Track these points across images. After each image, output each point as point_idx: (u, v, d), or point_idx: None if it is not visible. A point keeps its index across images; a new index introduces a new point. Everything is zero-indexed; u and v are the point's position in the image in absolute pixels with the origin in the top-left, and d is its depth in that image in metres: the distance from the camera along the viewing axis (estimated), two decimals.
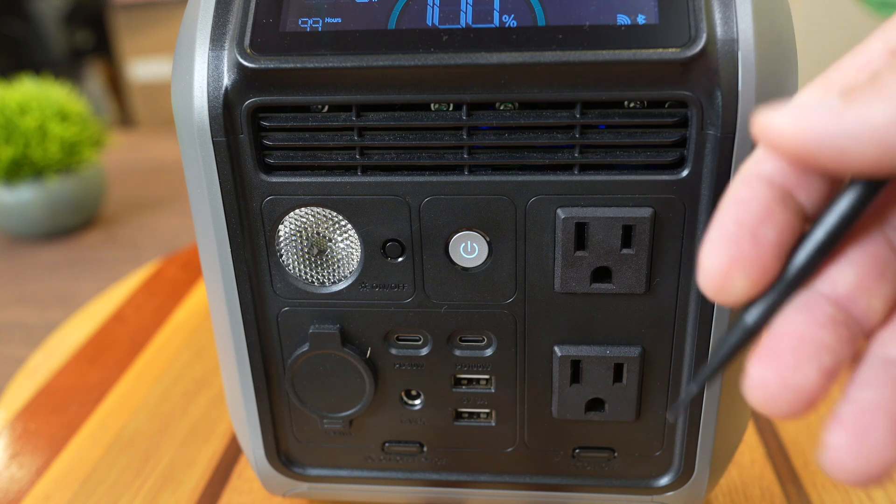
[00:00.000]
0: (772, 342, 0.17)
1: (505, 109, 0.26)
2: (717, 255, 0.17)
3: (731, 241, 0.17)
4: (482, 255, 0.28)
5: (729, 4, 0.24)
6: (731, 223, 0.17)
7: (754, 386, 0.17)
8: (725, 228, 0.17)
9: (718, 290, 0.18)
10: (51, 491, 0.39)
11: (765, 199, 0.17)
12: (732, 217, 0.17)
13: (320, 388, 0.31)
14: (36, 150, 0.79)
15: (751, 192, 0.18)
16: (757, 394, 0.17)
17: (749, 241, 0.17)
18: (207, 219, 0.28)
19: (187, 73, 0.26)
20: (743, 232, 0.17)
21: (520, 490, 0.33)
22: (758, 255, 0.17)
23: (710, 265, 0.17)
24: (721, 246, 0.17)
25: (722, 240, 0.17)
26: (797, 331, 0.17)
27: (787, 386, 0.17)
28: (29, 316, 0.68)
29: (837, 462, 0.17)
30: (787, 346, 0.17)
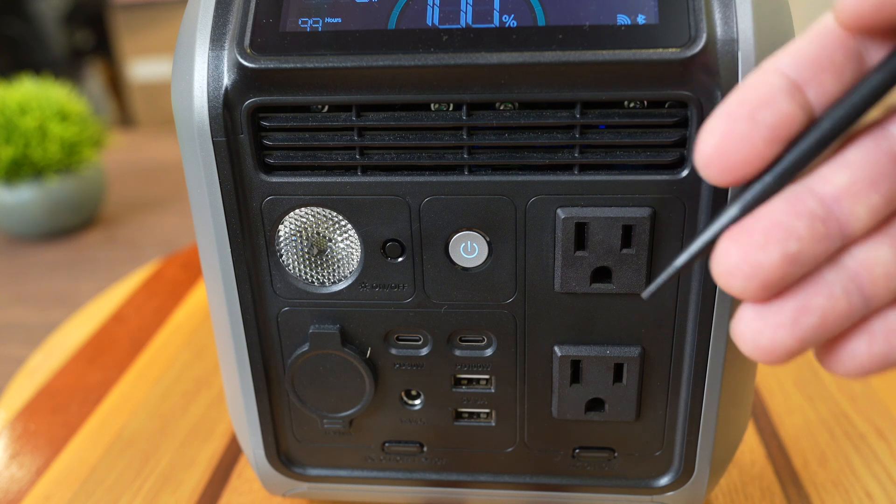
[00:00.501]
0: (748, 221, 0.18)
1: (505, 109, 0.26)
2: (713, 130, 0.18)
3: (729, 118, 0.18)
4: (482, 255, 0.28)
5: (729, 4, 0.24)
6: (734, 102, 0.18)
7: (718, 257, 0.18)
8: (727, 107, 0.18)
9: (709, 167, 0.18)
10: (51, 491, 0.39)
11: (772, 86, 0.18)
12: (737, 97, 0.18)
13: (320, 388, 0.31)
14: (36, 150, 0.79)
15: (760, 77, 0.18)
16: (718, 265, 0.18)
17: (746, 120, 0.18)
18: (207, 219, 0.28)
19: (187, 73, 0.26)
20: (742, 111, 0.18)
21: (520, 490, 0.33)
22: (751, 135, 0.18)
23: (706, 140, 0.18)
24: (719, 122, 0.18)
25: (721, 116, 0.18)
26: (773, 215, 0.18)
27: (746, 262, 0.18)
28: (29, 316, 0.68)
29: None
30: (759, 227, 0.18)
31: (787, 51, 0.18)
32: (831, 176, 0.18)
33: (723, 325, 0.28)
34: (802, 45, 0.18)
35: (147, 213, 0.92)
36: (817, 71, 0.18)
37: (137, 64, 2.06)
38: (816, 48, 0.18)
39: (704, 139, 0.18)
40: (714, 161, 0.18)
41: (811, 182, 0.18)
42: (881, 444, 0.39)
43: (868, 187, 0.18)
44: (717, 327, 0.28)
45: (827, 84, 0.18)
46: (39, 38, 2.09)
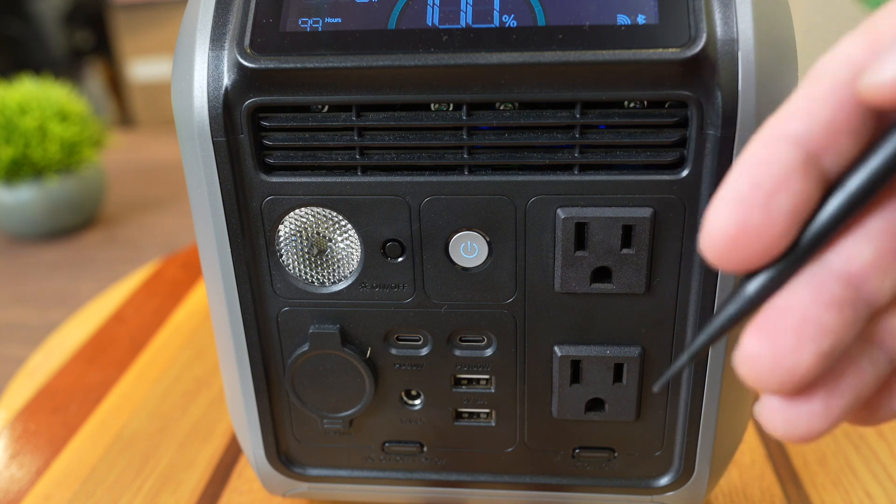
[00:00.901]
0: (772, 316, 0.16)
1: (505, 109, 0.26)
2: (725, 219, 0.16)
3: (742, 206, 0.16)
4: (482, 255, 0.28)
5: (729, 4, 0.24)
6: (744, 185, 0.16)
7: (746, 359, 0.16)
8: (738, 191, 0.16)
9: (720, 258, 0.16)
10: (51, 491, 0.39)
11: (786, 163, 0.16)
12: (747, 179, 0.16)
13: (320, 388, 0.31)
14: (36, 150, 0.79)
15: (771, 152, 0.16)
16: (747, 368, 0.16)
17: (761, 209, 0.16)
18: (207, 219, 0.28)
19: (187, 73, 0.26)
20: (756, 197, 0.16)
21: (520, 490, 0.33)
22: (768, 225, 0.16)
23: (716, 229, 0.16)
24: (730, 209, 0.16)
25: (732, 202, 0.16)
26: (801, 309, 0.16)
27: (780, 366, 0.16)
28: (29, 316, 0.68)
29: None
30: (788, 325, 0.16)
31: (797, 113, 0.16)
32: (855, 252, 0.16)
33: None
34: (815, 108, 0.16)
35: (147, 213, 0.92)
36: (834, 137, 0.16)
37: (137, 64, 2.06)
38: (831, 111, 0.16)
39: (714, 228, 0.16)
40: (727, 254, 0.16)
41: (833, 261, 0.16)
42: (881, 444, 0.39)
43: (894, 259, 0.16)
44: None
45: (844, 148, 0.16)
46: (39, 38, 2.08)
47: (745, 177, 0.16)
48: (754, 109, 0.24)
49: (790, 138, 0.16)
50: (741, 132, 0.24)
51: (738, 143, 0.24)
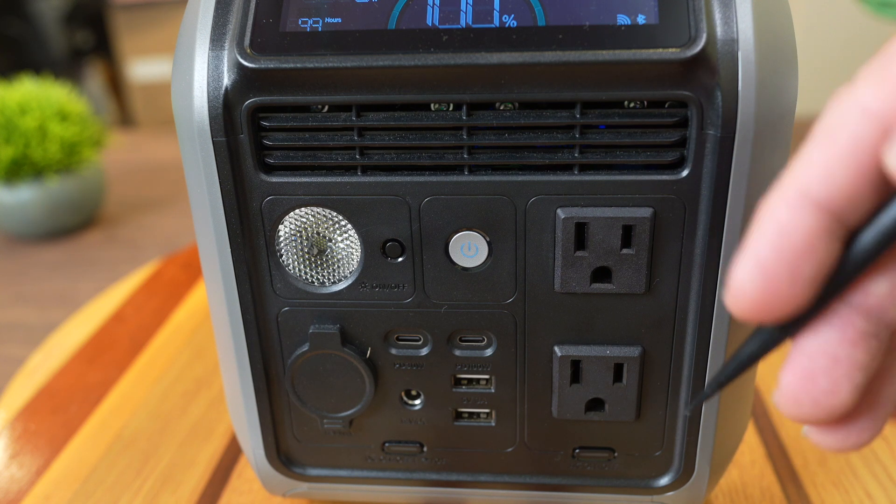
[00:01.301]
0: (804, 360, 0.17)
1: (505, 109, 0.26)
2: (750, 283, 0.16)
3: (767, 272, 0.16)
4: (482, 255, 0.28)
5: (729, 4, 0.24)
6: (768, 251, 0.16)
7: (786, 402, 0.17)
8: (762, 255, 0.16)
9: (745, 316, 0.17)
10: (51, 491, 0.39)
11: (810, 231, 0.16)
12: (771, 244, 0.16)
13: (320, 388, 0.31)
14: (36, 150, 0.79)
15: (795, 218, 0.16)
16: (788, 409, 0.17)
17: (787, 277, 0.16)
18: (207, 219, 0.28)
19: (187, 73, 0.26)
20: (781, 265, 0.16)
21: (520, 490, 0.33)
22: (794, 292, 0.16)
23: (742, 293, 0.16)
24: (755, 273, 0.16)
25: (757, 267, 0.16)
26: (830, 350, 0.17)
27: (820, 406, 0.17)
28: (29, 316, 0.68)
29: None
30: (821, 368, 0.17)
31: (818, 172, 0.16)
32: (872, 288, 0.17)
33: (723, 325, 0.28)
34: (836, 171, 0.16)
35: (147, 213, 0.92)
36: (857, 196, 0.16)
37: (137, 64, 2.06)
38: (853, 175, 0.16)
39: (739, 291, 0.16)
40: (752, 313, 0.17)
41: (852, 298, 0.17)
42: (881, 444, 0.39)
43: None
44: (717, 327, 0.28)
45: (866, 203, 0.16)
46: (39, 38, 2.09)
47: (769, 243, 0.16)
48: (754, 109, 0.24)
49: (812, 202, 0.16)
50: (741, 132, 0.24)
51: (738, 143, 0.24)
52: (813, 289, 0.16)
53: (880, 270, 0.17)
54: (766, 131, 0.24)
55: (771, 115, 0.24)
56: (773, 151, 0.25)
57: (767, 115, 0.24)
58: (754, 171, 0.25)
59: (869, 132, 0.15)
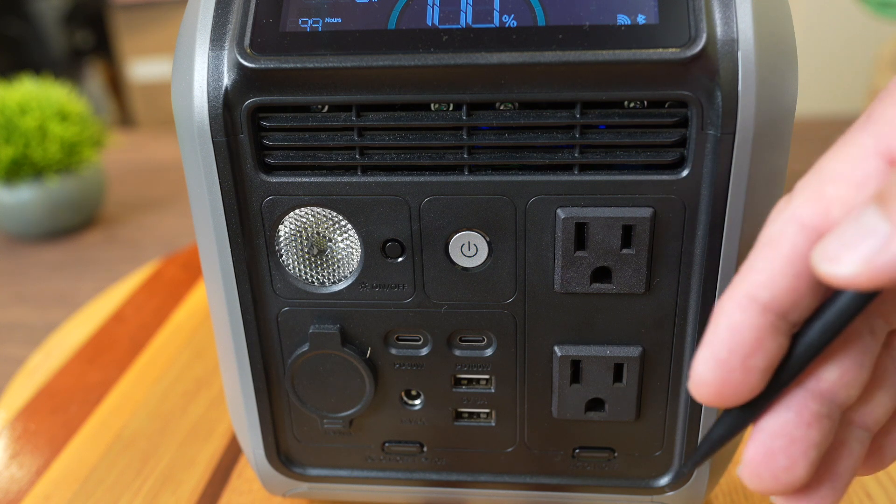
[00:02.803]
0: (765, 439, 0.19)
1: (505, 109, 0.26)
2: (709, 379, 0.19)
3: (723, 368, 0.19)
4: (482, 255, 0.28)
5: (729, 4, 0.24)
6: (723, 350, 0.18)
7: (749, 476, 0.19)
8: (717, 354, 0.19)
9: (708, 401, 0.19)
10: (51, 491, 0.39)
11: (758, 329, 0.18)
12: (725, 344, 0.18)
13: (320, 388, 0.31)
14: (36, 150, 0.79)
15: (744, 319, 0.18)
16: (751, 483, 0.19)
17: (740, 370, 0.18)
18: (207, 219, 0.28)
19: (187, 73, 0.26)
20: (734, 361, 0.18)
21: (520, 490, 0.33)
22: (747, 381, 0.19)
23: (702, 385, 0.19)
24: (712, 369, 0.19)
25: (713, 364, 0.19)
26: (788, 432, 0.19)
27: (778, 482, 0.19)
28: (29, 316, 0.68)
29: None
30: (779, 447, 0.19)
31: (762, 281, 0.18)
32: (823, 374, 0.19)
33: None
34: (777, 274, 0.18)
35: (147, 213, 0.92)
36: (797, 300, 0.18)
37: (137, 64, 2.06)
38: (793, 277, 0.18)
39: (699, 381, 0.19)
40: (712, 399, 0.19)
41: (807, 384, 0.19)
42: None
43: (857, 370, 0.19)
44: None
45: (806, 304, 0.18)
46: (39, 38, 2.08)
47: (723, 341, 0.19)
48: (754, 109, 0.24)
49: (760, 304, 0.18)
50: (741, 132, 0.24)
51: (738, 143, 0.24)
52: (765, 378, 0.19)
53: (830, 359, 0.19)
54: (766, 131, 0.24)
55: (771, 115, 0.24)
56: (773, 151, 0.25)
57: (767, 115, 0.24)
58: (754, 171, 0.25)
59: (805, 243, 0.18)
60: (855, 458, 0.20)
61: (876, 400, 0.21)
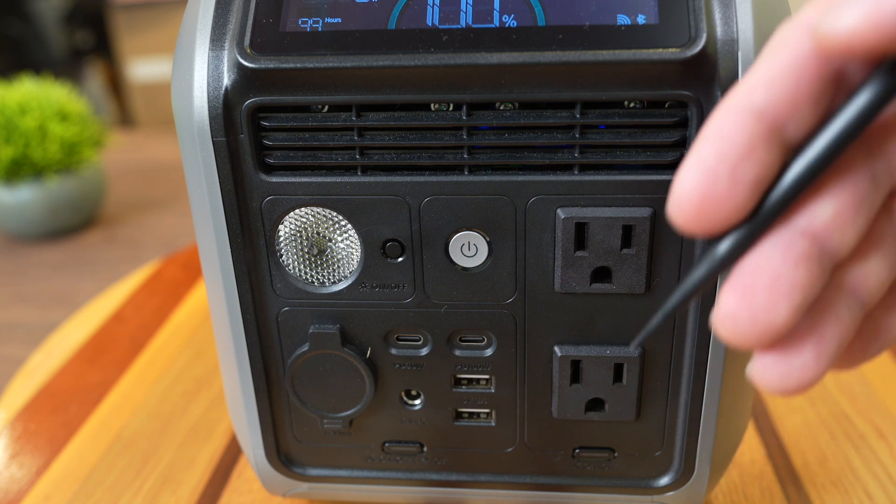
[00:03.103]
0: (745, 278, 0.17)
1: (505, 109, 0.26)
2: (692, 188, 0.17)
3: (709, 176, 0.17)
4: (482, 255, 0.28)
5: (729, 4, 0.24)
6: (710, 156, 0.17)
7: (723, 320, 0.17)
8: (704, 161, 0.17)
9: (687, 223, 0.17)
10: (51, 491, 0.39)
11: (750, 134, 0.17)
12: (713, 150, 0.17)
13: (320, 388, 0.31)
14: (36, 150, 0.79)
15: (736, 124, 0.17)
16: (725, 328, 0.17)
17: (727, 179, 0.17)
18: (207, 219, 0.28)
19: (187, 73, 0.26)
20: (722, 168, 0.17)
21: (520, 490, 0.33)
22: (734, 194, 0.17)
23: (683, 196, 0.17)
24: (697, 178, 0.17)
25: (699, 172, 0.17)
26: (771, 268, 0.17)
27: (756, 324, 0.17)
28: (29, 316, 0.68)
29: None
30: (761, 285, 0.17)
31: (760, 83, 0.17)
32: (816, 211, 0.17)
33: None
34: (777, 77, 0.17)
35: (147, 213, 0.92)
36: (795, 107, 0.17)
37: (137, 64, 2.06)
38: (794, 80, 0.17)
39: (681, 195, 0.17)
40: (693, 219, 0.17)
41: (797, 221, 0.17)
42: (881, 444, 0.39)
43: (853, 214, 0.17)
44: None
45: (805, 117, 0.17)
46: (39, 38, 2.08)
47: (711, 147, 0.17)
48: None
49: (754, 110, 0.17)
50: None
51: None
52: (752, 195, 0.17)
53: (824, 194, 0.17)
54: None
55: None
56: None
57: None
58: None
59: (809, 46, 0.16)
60: (844, 328, 0.18)
61: (870, 264, 0.18)
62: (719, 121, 0.17)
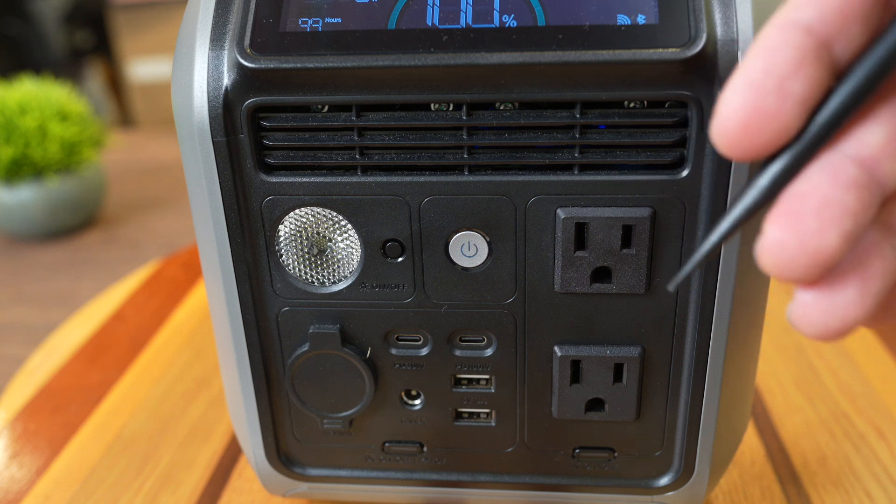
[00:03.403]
0: (792, 203, 0.16)
1: (505, 109, 0.26)
2: (738, 105, 0.16)
3: (756, 91, 0.16)
4: (482, 255, 0.28)
5: (729, 4, 0.24)
6: (758, 71, 0.16)
7: (770, 248, 0.16)
8: (751, 76, 0.16)
9: (732, 144, 0.17)
10: (51, 491, 0.39)
11: (798, 49, 0.16)
12: (761, 65, 0.16)
13: (320, 388, 0.31)
14: (36, 150, 0.79)
15: (784, 39, 0.16)
16: (772, 256, 0.16)
17: (775, 94, 0.16)
18: (207, 219, 0.28)
19: (187, 73, 0.26)
20: (770, 82, 0.16)
21: (520, 490, 0.33)
22: (782, 109, 0.16)
23: (729, 114, 0.16)
24: (744, 94, 0.16)
25: (745, 88, 0.16)
26: (820, 192, 0.16)
27: (805, 250, 0.16)
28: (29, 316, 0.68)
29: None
30: (809, 208, 0.16)
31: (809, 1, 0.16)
32: (866, 137, 0.16)
33: (723, 325, 0.28)
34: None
35: (147, 213, 0.92)
36: (845, 24, 0.16)
37: (137, 64, 2.06)
38: None
39: (726, 114, 0.16)
40: (739, 138, 0.16)
41: (845, 147, 0.17)
42: (881, 444, 0.39)
43: None
44: (717, 327, 0.28)
45: (854, 36, 0.16)
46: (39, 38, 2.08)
47: (759, 62, 0.16)
48: None
49: (803, 25, 0.16)
50: None
51: None
52: (801, 113, 0.16)
53: (874, 119, 0.17)
54: None
55: None
56: None
57: None
58: (754, 170, 0.25)
59: None
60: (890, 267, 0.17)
61: None
62: (767, 37, 0.16)
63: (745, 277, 0.27)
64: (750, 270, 0.27)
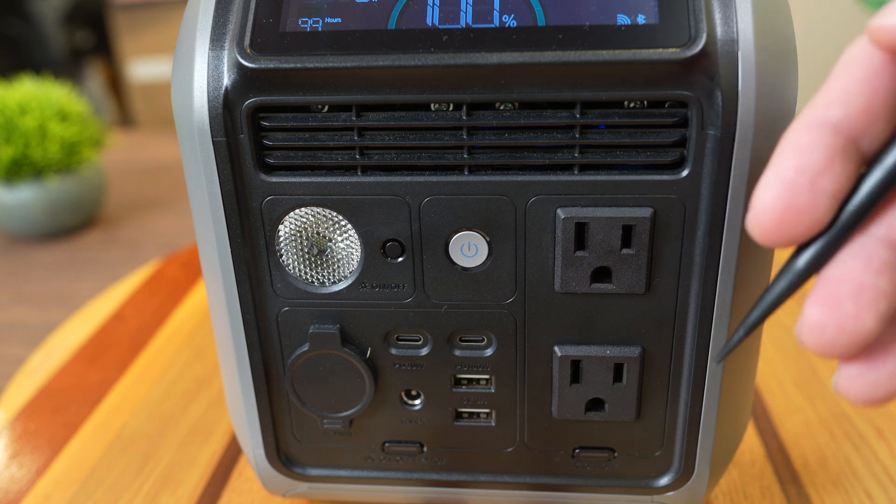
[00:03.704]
0: (828, 287, 0.17)
1: (505, 109, 0.26)
2: (772, 201, 0.17)
3: (789, 189, 0.17)
4: (482, 255, 0.28)
5: (729, 4, 0.24)
6: (790, 170, 0.17)
7: (810, 330, 0.17)
8: (784, 174, 0.17)
9: (767, 236, 0.18)
10: (51, 491, 0.39)
11: (828, 148, 0.17)
12: (793, 164, 0.17)
13: (320, 388, 0.31)
14: (36, 150, 0.79)
15: (814, 138, 0.17)
16: (812, 338, 0.18)
17: (807, 192, 0.17)
18: (207, 219, 0.28)
19: (187, 73, 0.26)
20: (802, 181, 0.17)
21: (520, 490, 0.33)
22: (814, 206, 0.17)
23: (764, 210, 0.17)
24: (777, 191, 0.17)
25: (779, 185, 0.17)
26: (855, 277, 0.17)
27: (844, 332, 0.17)
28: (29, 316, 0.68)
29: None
30: (846, 293, 0.17)
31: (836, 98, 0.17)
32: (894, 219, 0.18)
33: (723, 325, 0.28)
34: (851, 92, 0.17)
35: (147, 213, 0.92)
36: (870, 121, 0.17)
37: (137, 64, 2.06)
38: (868, 94, 0.17)
39: (762, 208, 0.17)
40: (774, 231, 0.18)
41: (876, 230, 0.18)
42: (881, 444, 0.39)
43: None
44: (717, 327, 0.28)
45: (880, 129, 0.17)
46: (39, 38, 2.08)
47: (791, 161, 0.17)
48: (754, 109, 0.24)
49: (831, 124, 0.17)
50: (741, 132, 0.24)
51: (738, 143, 0.24)
52: (832, 206, 0.17)
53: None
54: (766, 131, 0.24)
55: (771, 115, 0.24)
56: (773, 151, 0.25)
57: (767, 115, 0.24)
58: (754, 171, 0.25)
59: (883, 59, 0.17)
60: None
61: None
62: (797, 136, 0.17)
63: (746, 278, 0.27)
64: (750, 271, 0.27)
